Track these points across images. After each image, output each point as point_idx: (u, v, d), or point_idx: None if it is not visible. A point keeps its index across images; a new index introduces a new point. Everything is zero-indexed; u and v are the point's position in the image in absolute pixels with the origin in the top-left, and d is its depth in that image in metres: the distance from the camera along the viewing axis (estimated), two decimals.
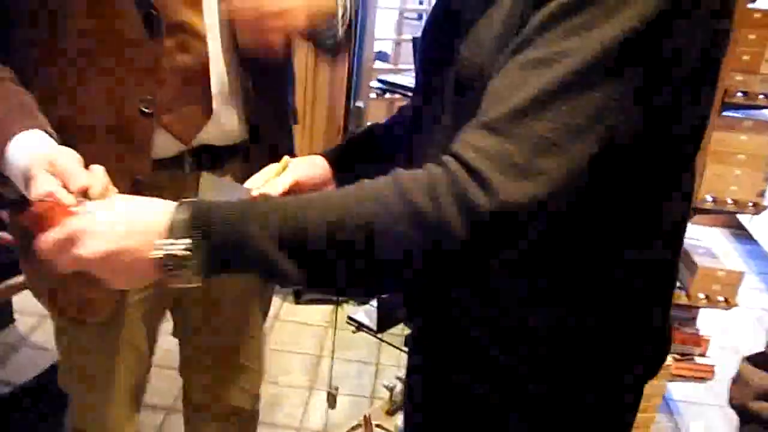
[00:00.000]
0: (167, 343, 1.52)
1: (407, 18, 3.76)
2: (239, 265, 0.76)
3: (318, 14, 1.15)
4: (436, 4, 1.00)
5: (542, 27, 0.71)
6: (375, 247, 0.72)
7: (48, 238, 0.78)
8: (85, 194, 0.86)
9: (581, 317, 0.87)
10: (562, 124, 0.69)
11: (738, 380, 0.90)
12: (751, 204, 2.37)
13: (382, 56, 3.77)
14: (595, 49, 0.68)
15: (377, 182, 0.75)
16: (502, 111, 0.70)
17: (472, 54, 0.82)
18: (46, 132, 1.00)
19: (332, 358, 2.60)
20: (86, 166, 0.91)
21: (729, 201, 2.36)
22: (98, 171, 0.89)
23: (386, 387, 2.47)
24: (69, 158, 0.92)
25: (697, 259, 2.46)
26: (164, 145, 1.17)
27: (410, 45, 3.32)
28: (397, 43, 3.38)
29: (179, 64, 1.13)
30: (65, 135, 1.01)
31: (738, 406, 0.89)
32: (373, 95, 3.20)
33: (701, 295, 2.45)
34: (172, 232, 0.75)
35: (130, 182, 1.10)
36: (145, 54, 1.10)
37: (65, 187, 0.86)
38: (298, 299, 3.22)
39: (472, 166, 0.70)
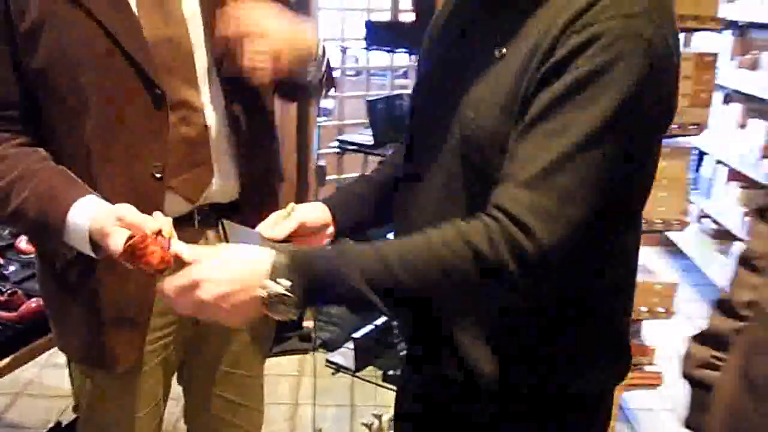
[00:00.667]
0: None
1: (347, 76, 4.00)
2: (333, 301, 0.97)
3: (299, 47, 1.28)
4: (425, 65, 1.20)
5: (553, 103, 0.91)
6: (444, 282, 0.92)
7: (172, 284, 0.96)
8: (158, 234, 1.06)
9: (561, 334, 1.06)
10: (580, 179, 0.89)
11: (686, 355, 1.10)
12: (676, 222, 2.64)
13: (324, 112, 3.97)
14: (598, 118, 0.89)
15: (444, 230, 0.94)
16: (533, 172, 0.90)
17: (478, 116, 1.00)
18: (95, 195, 1.19)
19: (314, 403, 2.72)
20: None
21: (658, 221, 2.62)
22: (160, 215, 1.10)
23: (365, 425, 2.61)
24: (132, 211, 1.13)
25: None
26: (174, 205, 1.33)
27: (353, 101, 3.55)
28: (340, 100, 3.60)
29: (183, 135, 1.31)
30: None
31: (686, 375, 1.09)
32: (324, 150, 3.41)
33: (643, 308, 2.69)
34: (275, 274, 0.93)
35: None
36: (153, 128, 1.28)
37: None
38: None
39: (517, 217, 0.89)
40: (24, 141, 1.29)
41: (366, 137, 2.96)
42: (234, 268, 0.95)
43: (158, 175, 1.29)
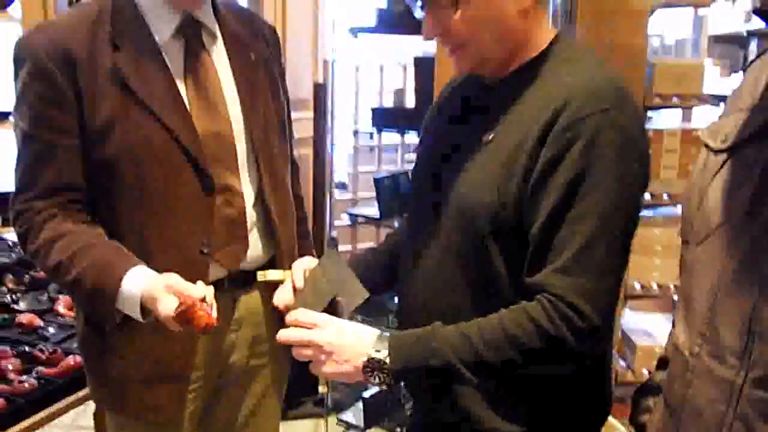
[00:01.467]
0: None
1: (360, 152, 4.24)
2: (423, 373, 1.14)
3: None
4: (425, 146, 1.40)
5: (564, 197, 1.10)
6: (519, 355, 1.11)
7: (302, 351, 1.19)
8: (203, 300, 1.26)
9: (555, 385, 1.21)
10: (606, 255, 1.09)
11: (633, 405, 1.24)
12: (672, 286, 2.81)
13: (340, 186, 4.21)
14: (606, 201, 1.09)
15: (514, 312, 1.13)
16: (567, 257, 1.09)
17: (472, 193, 1.19)
18: (144, 266, 1.39)
19: None
20: None
21: (654, 286, 2.79)
22: (202, 284, 1.30)
23: None
24: (179, 279, 1.33)
25: (635, 339, 2.86)
26: (215, 272, 1.53)
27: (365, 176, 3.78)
28: (354, 176, 3.83)
29: (226, 215, 1.52)
30: None
31: (633, 423, 1.23)
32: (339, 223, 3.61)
33: (645, 371, 2.83)
34: (378, 346, 1.15)
35: None
36: (203, 209, 1.49)
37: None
38: (284, 416, 3.48)
39: (567, 299, 1.08)
40: (84, 219, 1.48)
41: (375, 210, 3.18)
42: (347, 336, 1.18)
43: (205, 250, 1.49)
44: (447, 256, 1.24)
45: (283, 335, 1.22)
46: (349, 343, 1.17)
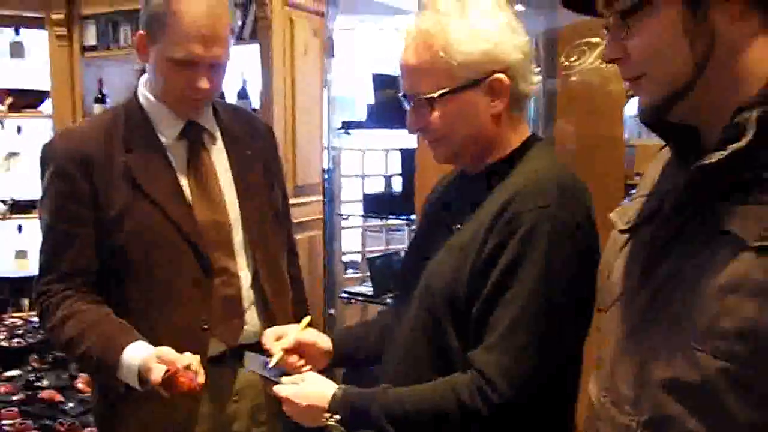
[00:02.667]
0: None
1: (370, 232, 4.43)
2: (365, 428, 1.30)
3: None
4: (417, 230, 1.56)
5: (498, 283, 1.24)
6: (440, 421, 1.26)
7: (281, 393, 1.39)
8: (188, 368, 1.43)
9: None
10: (528, 340, 1.22)
11: None
12: None
13: (353, 265, 4.38)
14: (533, 291, 1.21)
15: (444, 382, 1.28)
16: (495, 337, 1.23)
17: (436, 275, 1.35)
18: (143, 341, 1.56)
19: None
20: None
21: None
22: (189, 355, 1.47)
23: None
24: (168, 350, 1.50)
25: None
26: (215, 347, 1.70)
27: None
28: (363, 256, 4.01)
29: (224, 295, 1.70)
30: None
31: None
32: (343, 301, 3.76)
33: None
34: (332, 405, 1.32)
35: None
36: (203, 291, 1.67)
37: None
38: None
39: (486, 375, 1.22)
40: (95, 299, 1.67)
41: (369, 289, 3.36)
42: (307, 396, 1.36)
43: (205, 327, 1.67)
44: (415, 332, 1.39)
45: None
46: (309, 404, 1.34)
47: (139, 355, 1.53)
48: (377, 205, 3.31)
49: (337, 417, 1.32)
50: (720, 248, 0.90)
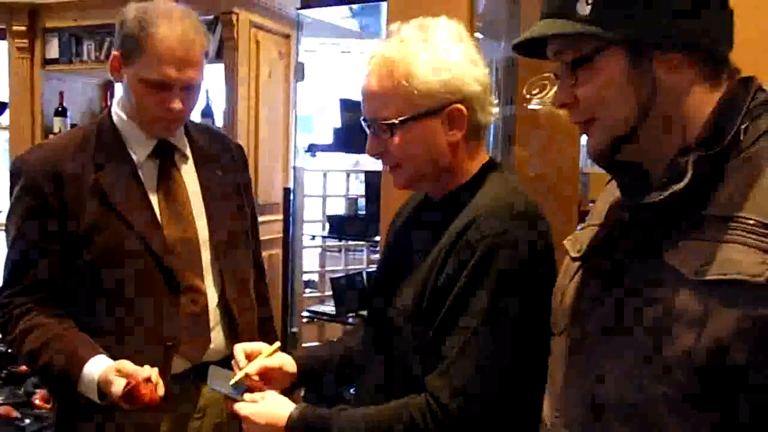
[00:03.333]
0: None
1: (329, 252, 4.46)
2: None
3: None
4: (383, 254, 1.59)
5: (450, 311, 1.28)
6: None
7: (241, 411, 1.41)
8: (148, 380, 1.46)
9: None
10: (477, 366, 1.26)
11: None
12: None
13: (311, 284, 4.40)
14: (479, 315, 1.25)
15: (398, 403, 1.31)
16: (447, 362, 1.27)
17: (401, 298, 1.39)
18: (104, 355, 1.58)
19: None
20: None
21: None
22: (149, 367, 1.49)
23: None
24: (129, 364, 1.52)
25: None
26: (179, 365, 1.71)
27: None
28: (321, 275, 4.04)
29: (190, 312, 1.72)
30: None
31: None
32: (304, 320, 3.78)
33: None
34: (288, 426, 1.35)
35: None
36: (170, 307, 1.69)
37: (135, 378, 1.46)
38: None
39: (439, 399, 1.26)
40: (57, 313, 1.68)
41: (329, 308, 3.40)
42: (266, 415, 1.39)
43: (170, 344, 1.68)
44: (385, 353, 1.43)
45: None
46: (268, 422, 1.38)
47: (98, 368, 1.54)
48: (342, 227, 3.35)
49: None
50: (662, 281, 0.98)
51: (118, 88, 3.96)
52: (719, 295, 0.91)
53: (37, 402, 2.53)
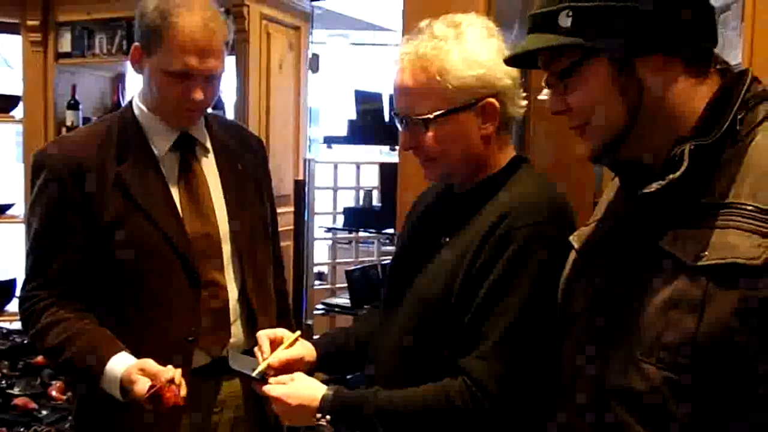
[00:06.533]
0: None
1: (339, 244, 4.47)
2: (355, 429, 1.36)
3: None
4: (401, 244, 1.61)
5: (491, 294, 1.31)
6: (431, 424, 1.33)
7: (271, 393, 1.44)
8: (171, 381, 1.46)
9: None
10: (520, 348, 1.29)
11: None
12: None
13: (321, 276, 4.42)
14: (522, 301, 1.29)
15: (433, 387, 1.34)
16: (486, 346, 1.30)
17: (429, 287, 1.41)
18: (127, 352, 1.58)
19: None
20: None
21: None
22: (171, 368, 1.49)
23: None
24: (152, 363, 1.52)
25: None
26: (200, 359, 1.72)
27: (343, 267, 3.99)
28: (332, 267, 4.06)
29: (211, 307, 1.73)
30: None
31: None
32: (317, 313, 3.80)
33: None
34: (323, 403, 1.37)
35: None
36: (190, 302, 1.70)
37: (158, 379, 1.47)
38: None
39: (478, 380, 1.29)
40: (79, 307, 1.68)
41: (343, 300, 3.42)
42: (298, 397, 1.40)
43: (190, 338, 1.69)
44: (405, 340, 1.44)
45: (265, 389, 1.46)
46: (300, 403, 1.40)
47: (121, 366, 1.55)
48: (356, 219, 3.36)
49: (328, 417, 1.36)
50: (662, 269, 1.02)
51: (129, 82, 3.97)
52: (718, 279, 0.95)
53: (53, 393, 2.55)
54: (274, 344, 1.56)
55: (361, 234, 4.16)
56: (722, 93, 1.04)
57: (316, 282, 4.16)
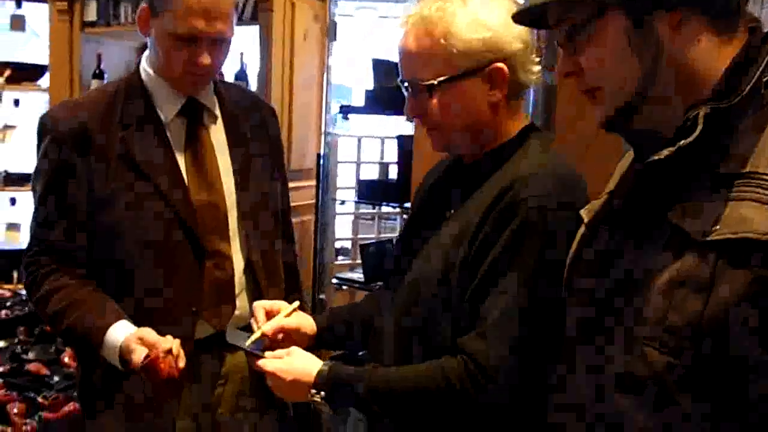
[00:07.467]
0: None
1: (362, 220, 4.42)
2: (350, 406, 1.32)
3: None
4: (411, 212, 1.55)
5: (490, 272, 1.25)
6: (426, 404, 1.28)
7: (266, 367, 1.39)
8: (169, 352, 1.42)
9: None
10: (517, 326, 1.23)
11: None
12: None
13: (344, 252, 4.38)
14: (523, 278, 1.23)
15: (431, 366, 1.28)
16: (485, 326, 1.24)
17: (428, 260, 1.35)
18: (128, 321, 1.55)
19: None
20: None
21: None
22: (170, 338, 1.46)
23: None
24: (151, 333, 1.49)
25: None
26: (203, 331, 1.69)
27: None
28: (354, 243, 4.01)
29: (215, 278, 1.69)
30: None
31: None
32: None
33: None
34: (318, 379, 1.32)
35: None
36: (194, 273, 1.66)
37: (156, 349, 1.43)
38: None
39: (478, 361, 1.24)
40: (81, 274, 1.66)
41: (359, 275, 3.37)
42: (293, 372, 1.36)
43: (194, 309, 1.66)
44: (404, 320, 1.39)
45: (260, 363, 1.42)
46: (293, 379, 1.35)
47: (121, 334, 1.52)
48: (371, 192, 3.30)
49: (323, 394, 1.32)
50: (669, 244, 0.93)
51: None
52: (728, 256, 0.86)
53: (66, 360, 2.56)
54: (271, 315, 1.53)
55: (384, 209, 4.11)
56: (747, 53, 0.94)
57: (339, 258, 4.12)
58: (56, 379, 2.43)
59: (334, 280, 3.54)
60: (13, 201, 4.21)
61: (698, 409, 0.90)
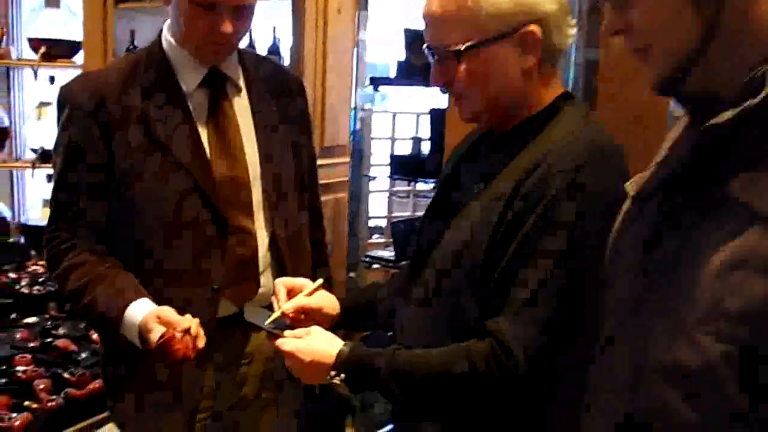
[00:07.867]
0: None
1: (397, 198, 4.35)
2: (370, 389, 1.25)
3: None
4: (437, 194, 1.46)
5: (521, 250, 1.16)
6: (450, 387, 1.20)
7: (284, 347, 1.31)
8: (187, 331, 1.36)
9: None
10: (548, 310, 1.15)
11: None
12: None
13: (379, 230, 4.32)
14: (555, 257, 1.14)
15: (455, 348, 1.21)
16: (515, 308, 1.16)
17: (457, 234, 1.26)
18: (148, 299, 1.50)
19: None
20: None
21: None
22: (190, 318, 1.40)
23: None
24: (170, 312, 1.43)
25: None
26: (225, 309, 1.64)
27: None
28: (389, 221, 3.94)
29: (238, 255, 1.63)
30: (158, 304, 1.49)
31: None
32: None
33: None
34: (338, 361, 1.25)
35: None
36: (216, 249, 1.60)
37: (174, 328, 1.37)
38: None
39: (504, 343, 1.15)
40: (101, 250, 1.61)
41: (391, 253, 3.29)
42: (312, 352, 1.28)
43: (216, 287, 1.60)
44: (430, 294, 1.31)
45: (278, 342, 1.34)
46: (313, 360, 1.28)
47: (141, 312, 1.47)
48: (404, 167, 3.20)
49: (342, 376, 1.25)
50: (727, 219, 0.83)
51: None
52: None
53: (94, 337, 2.53)
54: (293, 293, 1.47)
55: (419, 187, 4.02)
56: None
57: (374, 236, 4.06)
58: (84, 355, 2.41)
59: (365, 259, 3.47)
60: (50, 177, 4.23)
61: (755, 409, 0.79)
